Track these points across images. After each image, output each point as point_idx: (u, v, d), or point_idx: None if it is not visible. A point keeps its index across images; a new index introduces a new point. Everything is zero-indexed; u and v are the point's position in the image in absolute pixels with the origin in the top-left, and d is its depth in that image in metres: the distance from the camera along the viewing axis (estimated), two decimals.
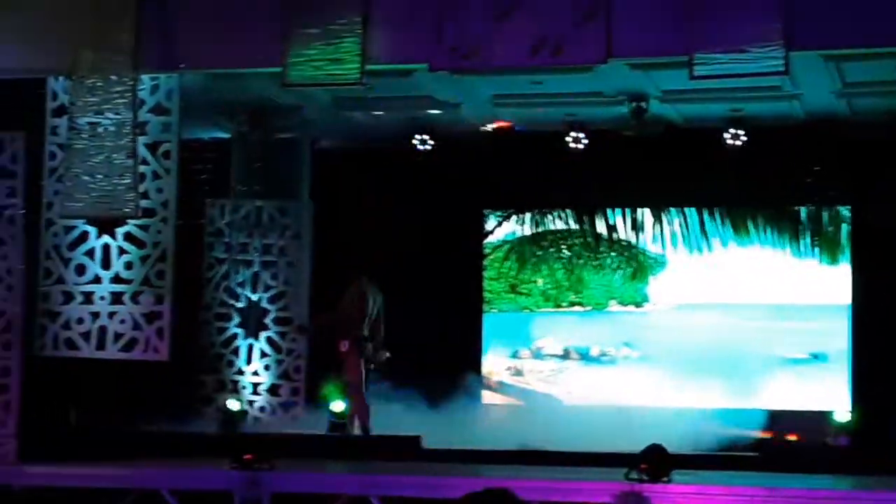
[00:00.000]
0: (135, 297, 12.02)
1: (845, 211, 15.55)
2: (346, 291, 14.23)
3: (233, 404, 14.60)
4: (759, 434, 14.05)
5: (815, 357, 15.45)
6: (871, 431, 13.61)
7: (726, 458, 11.96)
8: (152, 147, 12.06)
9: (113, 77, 11.42)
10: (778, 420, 14.66)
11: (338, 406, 14.06)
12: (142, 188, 11.72)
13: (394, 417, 14.30)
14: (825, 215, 15.71)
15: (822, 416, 13.74)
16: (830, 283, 15.58)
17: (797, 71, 11.76)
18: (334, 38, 11.04)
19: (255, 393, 14.91)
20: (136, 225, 12.02)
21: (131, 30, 11.38)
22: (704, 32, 10.38)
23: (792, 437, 13.93)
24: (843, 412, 13.33)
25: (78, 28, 11.40)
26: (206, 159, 15.05)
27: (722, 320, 15.60)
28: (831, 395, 15.06)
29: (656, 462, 9.25)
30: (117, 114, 11.41)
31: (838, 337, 15.39)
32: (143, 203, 11.73)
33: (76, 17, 11.41)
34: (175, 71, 11.91)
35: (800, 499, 8.81)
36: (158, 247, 12.04)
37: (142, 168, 11.79)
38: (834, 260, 15.67)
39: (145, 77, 11.82)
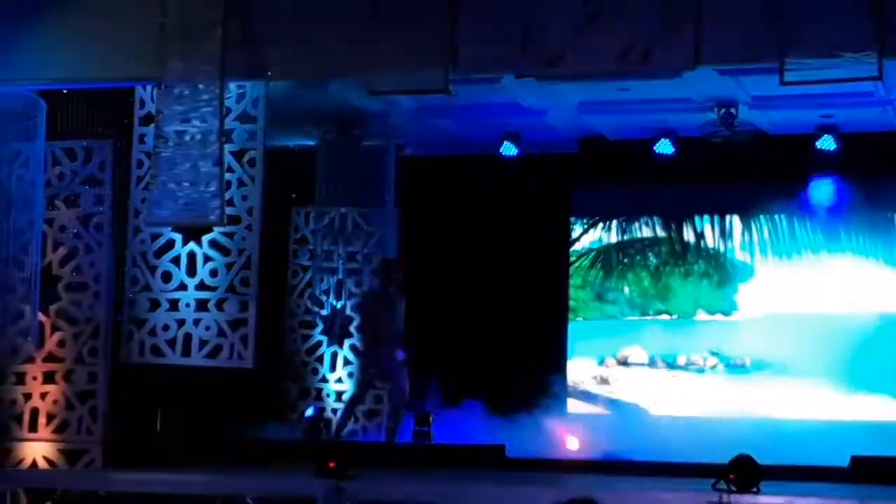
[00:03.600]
0: (220, 305, 12.09)
1: None
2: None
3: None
4: (852, 445, 13.82)
5: None
6: None
7: (817, 469, 11.77)
8: (238, 155, 12.14)
9: (200, 85, 11.46)
10: (870, 432, 14.43)
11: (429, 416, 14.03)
12: (227, 196, 11.77)
13: (479, 426, 14.26)
14: None
15: None
16: None
17: (890, 76, 11.55)
18: (420, 45, 11.01)
19: (338, 400, 14.90)
20: (221, 232, 12.10)
21: (218, 38, 11.42)
22: (795, 37, 10.22)
23: None
24: None
25: (166, 37, 11.47)
26: (292, 167, 15.09)
27: (812, 329, 15.39)
28: None
29: (745, 473, 9.14)
30: (204, 122, 11.45)
31: None
32: (229, 210, 11.80)
33: (165, 26, 11.48)
34: (261, 79, 11.95)
35: None
36: (243, 254, 12.10)
37: (227, 176, 11.84)
38: None
39: (232, 85, 11.88)
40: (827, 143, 14.65)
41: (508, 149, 15.51)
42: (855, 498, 8.94)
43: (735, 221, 16.23)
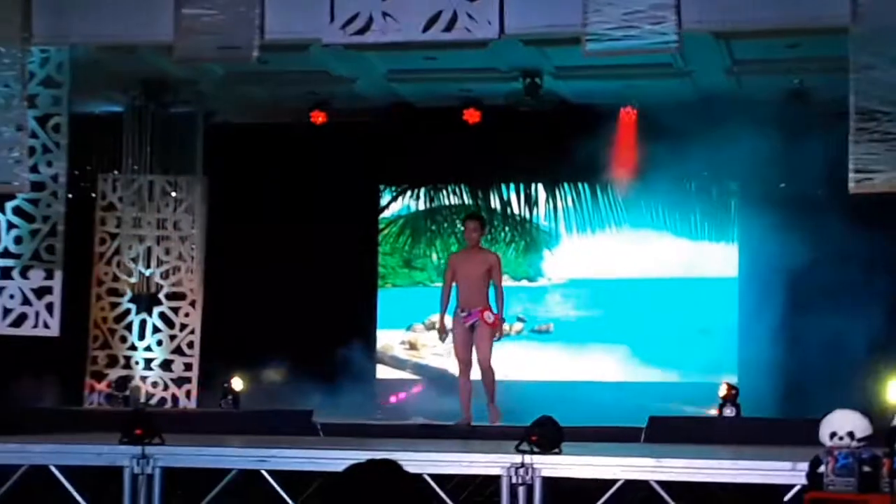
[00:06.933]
0: (24, 272, 11.93)
1: (734, 186, 15.78)
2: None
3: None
4: (652, 406, 14.22)
5: (705, 331, 15.63)
6: (756, 403, 13.83)
7: (617, 430, 12.10)
8: (42, 120, 11.97)
9: (1, 49, 11.27)
10: (666, 392, 14.86)
11: (236, 383, 13.99)
12: (31, 162, 11.62)
13: (288, 392, 14.31)
14: (715, 191, 15.91)
15: (711, 389, 13.87)
16: (719, 257, 15.82)
17: (688, 48, 11.85)
18: (228, 12, 10.96)
19: (147, 368, 14.81)
20: (25, 199, 11.93)
21: (20, 2, 11.23)
22: (597, 8, 10.44)
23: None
24: (729, 385, 13.49)
25: None
26: (99, 133, 14.91)
27: (613, 295, 15.76)
28: (720, 368, 15.27)
29: (547, 434, 9.27)
30: (6, 86, 11.25)
31: (727, 311, 15.61)
32: (33, 177, 11.64)
33: None
34: (66, 43, 11.79)
35: (686, 469, 8.89)
36: (48, 221, 11.96)
37: (31, 142, 11.68)
38: (723, 235, 15.89)
39: (35, 49, 11.69)
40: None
41: (318, 116, 15.58)
42: (652, 456, 9.18)
43: (540, 189, 16.51)
